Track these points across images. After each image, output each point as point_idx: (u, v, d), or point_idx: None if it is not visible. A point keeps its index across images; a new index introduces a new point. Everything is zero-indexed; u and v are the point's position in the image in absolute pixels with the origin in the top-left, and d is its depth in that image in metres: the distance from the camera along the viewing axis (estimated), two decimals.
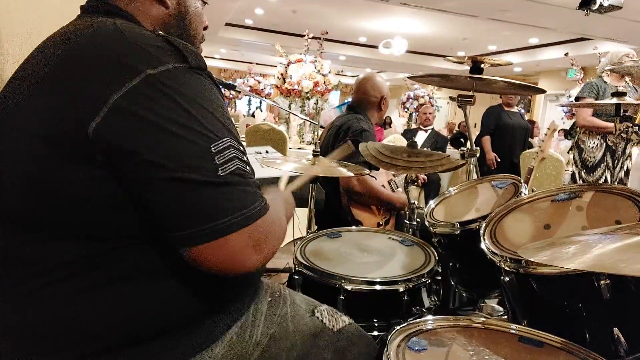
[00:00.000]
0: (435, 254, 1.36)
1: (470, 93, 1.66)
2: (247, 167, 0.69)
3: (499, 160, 4.65)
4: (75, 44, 0.69)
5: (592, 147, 3.25)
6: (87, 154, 0.62)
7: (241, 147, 0.69)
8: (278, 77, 5.12)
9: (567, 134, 6.29)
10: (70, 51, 0.68)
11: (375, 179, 2.16)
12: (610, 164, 3.24)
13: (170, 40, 0.68)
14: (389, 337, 0.83)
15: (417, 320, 0.92)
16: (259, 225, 0.67)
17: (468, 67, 1.62)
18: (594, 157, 3.24)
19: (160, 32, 0.72)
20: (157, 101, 0.63)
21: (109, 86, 0.62)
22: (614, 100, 1.72)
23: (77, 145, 0.62)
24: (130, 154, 0.62)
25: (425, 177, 3.81)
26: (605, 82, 3.25)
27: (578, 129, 3.40)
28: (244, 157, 0.69)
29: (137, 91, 0.62)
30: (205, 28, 0.92)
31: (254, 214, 0.66)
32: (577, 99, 3.36)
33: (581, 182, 3.26)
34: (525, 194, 1.35)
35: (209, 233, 0.63)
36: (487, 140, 4.73)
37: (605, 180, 3.22)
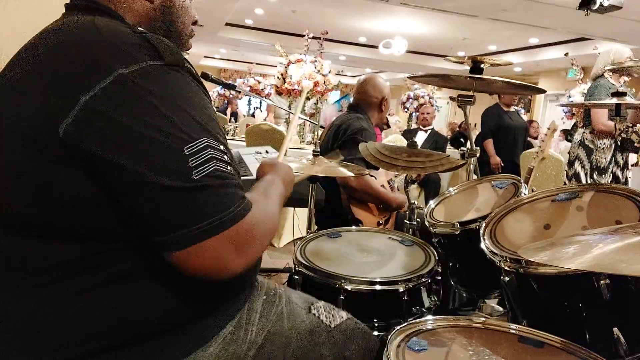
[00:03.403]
0: (435, 254, 1.36)
1: (470, 93, 1.66)
2: (228, 167, 0.66)
3: (502, 165, 4.61)
4: (52, 43, 0.68)
5: (603, 148, 3.22)
6: (62, 155, 0.62)
7: (222, 147, 0.67)
8: (278, 77, 5.12)
9: (568, 135, 6.28)
10: (47, 51, 0.68)
11: (376, 178, 2.17)
12: (621, 163, 3.21)
13: (146, 36, 0.67)
14: (389, 337, 0.83)
15: (417, 320, 0.92)
16: (239, 228, 0.64)
17: (468, 67, 1.62)
18: (605, 158, 3.21)
19: (139, 28, 0.71)
20: (128, 101, 0.61)
21: (80, 86, 0.61)
22: (614, 100, 1.71)
23: (52, 146, 0.61)
24: (100, 157, 0.60)
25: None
26: (613, 84, 3.21)
27: (583, 129, 3.36)
28: (225, 157, 0.66)
29: (107, 91, 0.61)
30: (194, 23, 0.90)
31: (232, 217, 0.63)
32: (590, 101, 3.29)
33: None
34: (525, 194, 1.35)
35: (185, 239, 0.61)
36: (489, 143, 4.62)
37: (615, 179, 3.19)
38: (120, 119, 0.60)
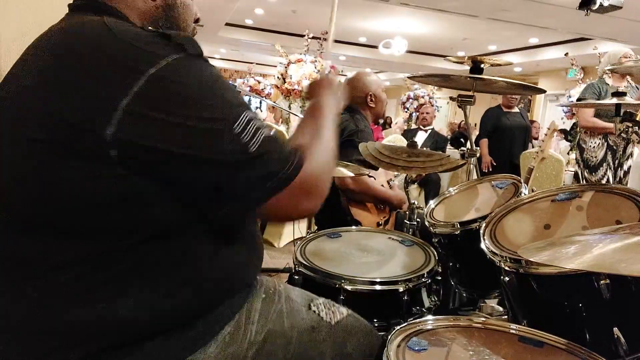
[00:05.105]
0: (435, 254, 1.36)
1: (470, 93, 1.66)
2: (272, 131, 0.71)
3: (494, 164, 4.63)
4: (70, 47, 0.67)
5: (594, 147, 3.26)
6: (102, 157, 0.62)
7: (258, 114, 0.71)
8: (278, 77, 5.12)
9: (567, 135, 6.27)
10: (65, 54, 0.67)
11: (375, 179, 2.16)
12: (612, 164, 3.24)
13: (162, 33, 0.68)
14: (389, 337, 0.83)
15: (417, 320, 0.92)
16: (302, 176, 0.70)
17: (468, 67, 1.62)
18: (595, 157, 3.26)
19: (150, 27, 0.71)
20: (167, 99, 0.63)
21: (115, 90, 0.61)
22: (614, 100, 1.72)
23: (87, 148, 0.61)
24: (160, 154, 0.63)
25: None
26: (607, 83, 3.25)
27: (579, 129, 3.42)
28: (264, 123, 0.71)
29: (145, 93, 0.62)
30: (196, 21, 0.91)
31: (294, 168, 0.70)
32: (579, 100, 3.37)
33: (584, 181, 3.28)
34: (525, 194, 1.35)
35: (260, 198, 0.69)
36: (484, 143, 4.67)
37: (607, 179, 3.23)
38: (165, 116, 0.62)
